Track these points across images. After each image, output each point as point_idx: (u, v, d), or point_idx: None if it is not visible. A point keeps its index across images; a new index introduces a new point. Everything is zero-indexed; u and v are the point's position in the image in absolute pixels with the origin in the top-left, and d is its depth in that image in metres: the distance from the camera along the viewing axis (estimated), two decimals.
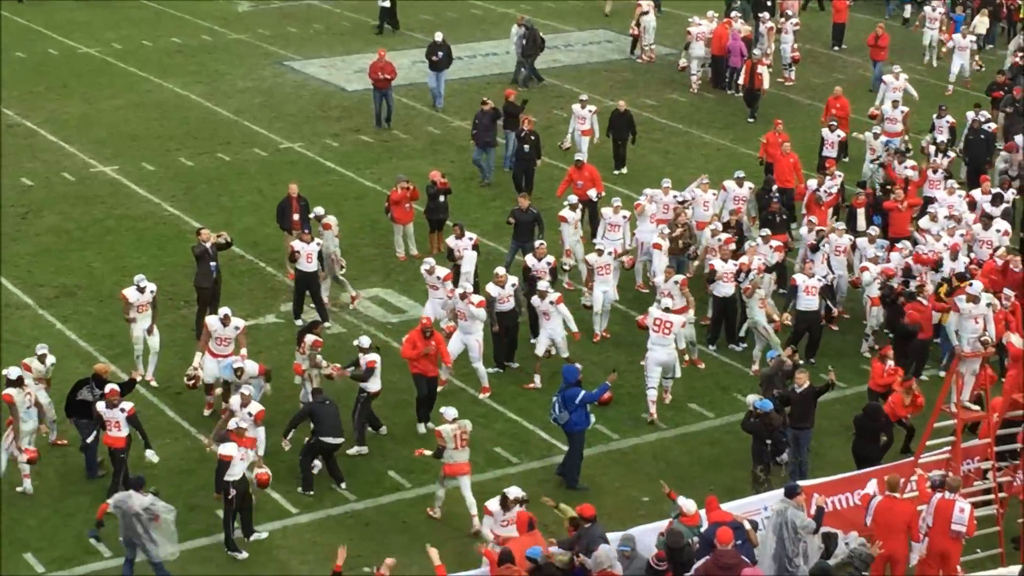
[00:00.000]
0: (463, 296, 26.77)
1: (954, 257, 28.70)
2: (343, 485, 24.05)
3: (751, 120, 41.06)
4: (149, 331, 26.93)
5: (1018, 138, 34.92)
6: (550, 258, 28.53)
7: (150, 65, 46.41)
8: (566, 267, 30.34)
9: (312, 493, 23.86)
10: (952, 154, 34.77)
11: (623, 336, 28.97)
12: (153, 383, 26.81)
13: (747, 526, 20.12)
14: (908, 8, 52.36)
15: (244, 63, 46.94)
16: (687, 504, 20.54)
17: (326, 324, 28.19)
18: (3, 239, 33.10)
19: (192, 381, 25.79)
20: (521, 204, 31.16)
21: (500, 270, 27.93)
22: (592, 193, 32.55)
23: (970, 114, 36.28)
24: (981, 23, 49.16)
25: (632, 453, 25.30)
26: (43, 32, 49.80)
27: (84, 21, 51.00)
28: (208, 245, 28.46)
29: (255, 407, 23.32)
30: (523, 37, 44.44)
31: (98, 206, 35.23)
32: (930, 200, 32.21)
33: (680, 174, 35.16)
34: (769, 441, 23.23)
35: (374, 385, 24.93)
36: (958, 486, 20.71)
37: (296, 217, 30.65)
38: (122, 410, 23.18)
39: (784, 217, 31.01)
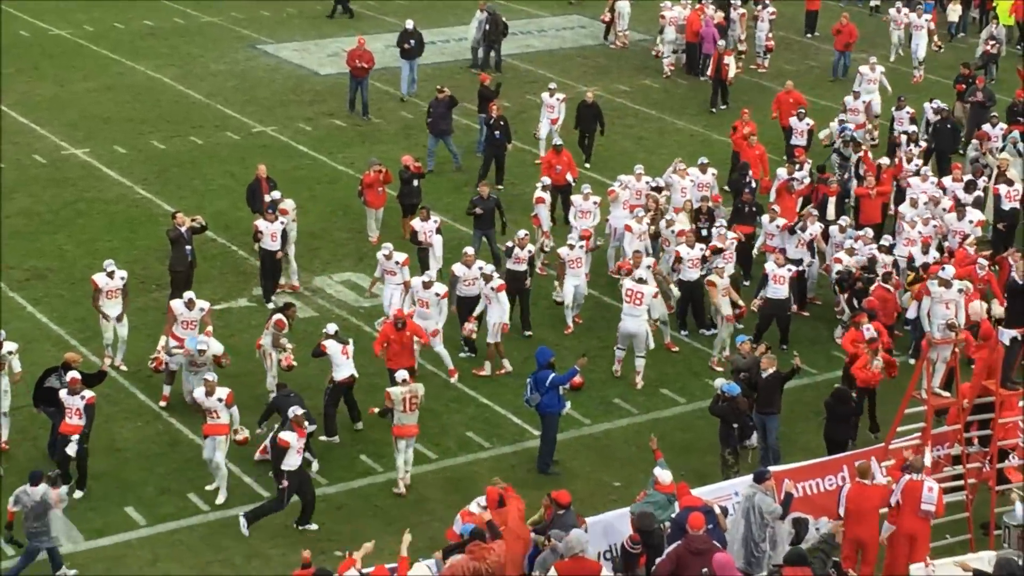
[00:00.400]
0: (426, 284, 26.74)
1: (925, 250, 28.77)
2: (315, 465, 24.03)
3: (714, 111, 40.81)
4: (119, 319, 26.73)
5: (987, 127, 35.00)
6: (531, 247, 28.47)
7: (122, 47, 46.23)
8: (546, 248, 30.40)
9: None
10: (923, 143, 34.82)
11: (595, 323, 29.03)
12: (123, 367, 26.72)
13: (717, 511, 20.19)
14: None
15: (217, 46, 46.79)
16: (663, 474, 20.65)
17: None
18: None
19: (154, 363, 25.72)
20: (482, 192, 31.10)
21: (469, 249, 28.05)
22: (569, 178, 32.58)
23: (927, 106, 36.50)
24: (953, 11, 49.35)
25: (604, 438, 25.35)
26: (14, 13, 49.50)
27: (55, 2, 50.75)
28: (183, 229, 28.41)
29: (222, 391, 23.12)
30: (485, 22, 44.17)
31: (69, 189, 35.11)
32: (901, 189, 32.30)
33: (653, 160, 35.22)
34: (736, 425, 23.30)
35: (341, 373, 24.82)
36: (921, 466, 20.78)
37: (267, 198, 30.61)
38: (82, 398, 22.90)
39: (753, 209, 30.88)
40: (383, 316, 26.43)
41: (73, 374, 23.18)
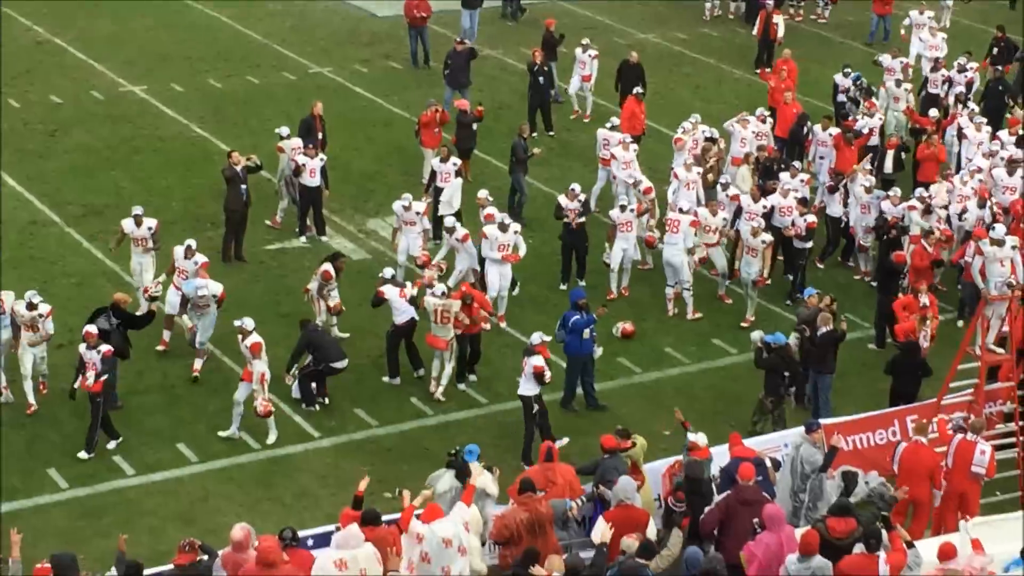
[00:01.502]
0: (450, 231, 26.88)
1: (981, 204, 28.52)
2: (326, 400, 24.29)
3: (758, 71, 39.49)
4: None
5: None
6: (582, 197, 28.28)
7: None
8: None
9: (317, 407, 24.05)
10: (972, 105, 34.08)
11: (646, 272, 28.88)
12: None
13: (768, 463, 20.15)
14: None
15: None
16: (698, 437, 20.55)
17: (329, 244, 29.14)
18: (31, 156, 33.11)
19: (147, 293, 25.15)
20: (523, 133, 31.11)
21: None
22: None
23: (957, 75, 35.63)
24: None
25: (654, 387, 25.32)
26: None
27: None
28: (239, 168, 28.45)
29: (251, 339, 22.94)
30: None
31: (126, 126, 35.23)
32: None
33: (711, 109, 35.02)
34: (788, 373, 23.25)
35: (401, 317, 24.78)
36: (981, 428, 20.69)
37: (320, 136, 30.60)
38: (98, 352, 22.52)
39: (781, 166, 30.37)
40: (391, 270, 25.82)
41: (89, 328, 22.80)
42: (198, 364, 24.79)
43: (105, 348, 22.58)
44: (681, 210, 27.45)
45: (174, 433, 23.27)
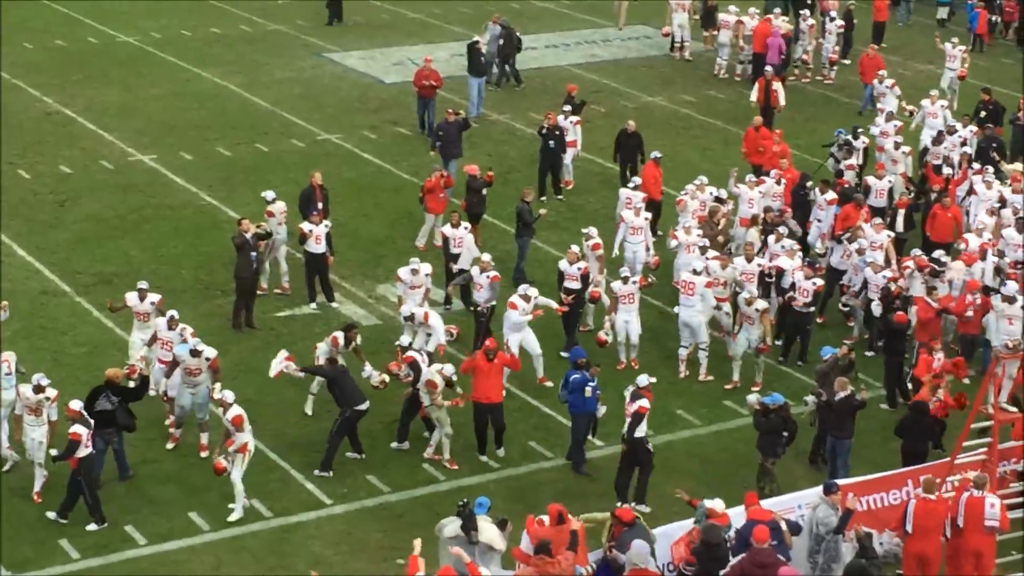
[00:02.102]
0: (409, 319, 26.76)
1: (983, 256, 28.55)
2: (363, 455, 24.40)
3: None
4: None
5: None
6: (581, 264, 28.14)
7: (189, 55, 46.55)
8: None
9: (331, 474, 24.01)
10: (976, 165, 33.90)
11: (658, 331, 28.88)
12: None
13: (783, 526, 20.05)
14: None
15: (283, 54, 47.02)
16: (715, 504, 20.43)
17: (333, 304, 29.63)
18: (41, 226, 33.23)
19: (133, 374, 24.42)
20: (526, 198, 31.08)
21: (485, 256, 28.07)
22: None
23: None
24: None
25: (666, 450, 25.22)
26: (83, 20, 50.00)
27: (124, 10, 51.16)
28: (248, 235, 28.53)
29: (232, 412, 22.75)
30: (499, 36, 43.39)
31: (136, 195, 35.35)
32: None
33: (718, 171, 35.04)
34: (786, 433, 23.26)
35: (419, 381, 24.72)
36: (985, 483, 20.61)
37: (320, 206, 30.68)
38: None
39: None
40: (407, 337, 25.99)
41: (71, 405, 22.49)
42: (204, 440, 24.74)
43: (73, 430, 22.15)
44: (695, 271, 27.41)
45: (186, 502, 23.22)
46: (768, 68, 40.08)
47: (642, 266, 29.92)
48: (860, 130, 35.27)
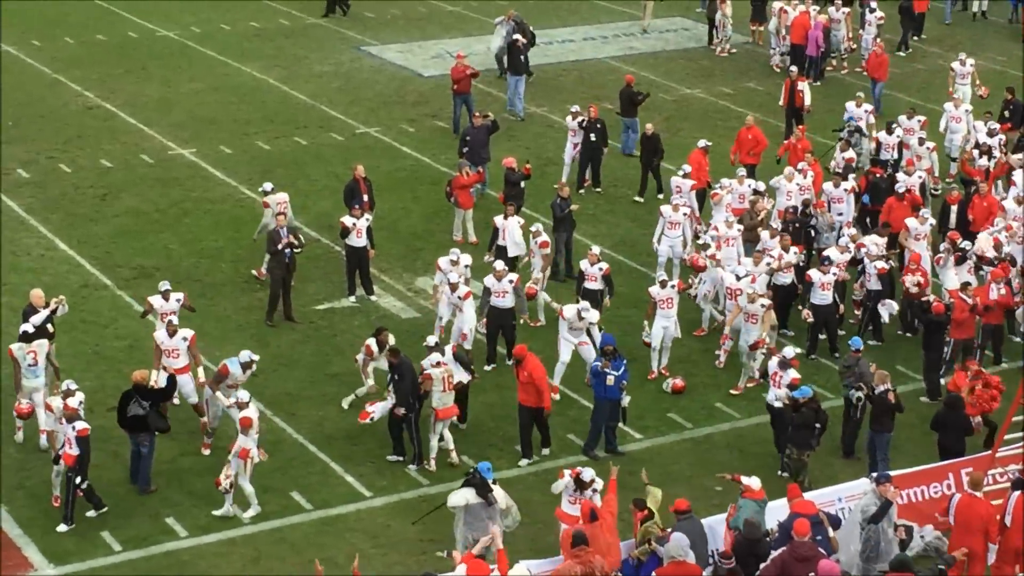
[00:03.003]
0: (453, 287, 26.84)
1: (997, 249, 28.53)
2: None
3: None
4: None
5: None
6: (603, 265, 27.98)
7: (228, 49, 46.67)
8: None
9: (403, 458, 24.24)
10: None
11: (694, 325, 28.81)
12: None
13: (826, 522, 20.00)
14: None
15: (322, 48, 47.10)
16: (751, 481, 20.63)
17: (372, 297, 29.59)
18: (82, 220, 33.38)
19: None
20: (562, 193, 31.03)
21: (499, 264, 27.37)
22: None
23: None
24: None
25: (706, 442, 25.22)
26: (123, 15, 50.16)
27: (163, 4, 51.26)
28: (284, 233, 28.52)
29: (244, 413, 22.70)
30: (512, 32, 42.71)
31: (176, 188, 35.48)
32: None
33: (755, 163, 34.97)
34: (818, 424, 23.23)
35: (456, 377, 24.61)
36: None
37: (365, 198, 30.74)
38: (74, 428, 22.20)
39: (797, 226, 30.17)
40: (433, 337, 25.55)
41: (68, 401, 22.44)
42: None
43: (80, 427, 22.21)
44: (738, 277, 27.28)
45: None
46: (792, 68, 39.65)
47: (680, 261, 29.80)
48: (894, 124, 35.06)
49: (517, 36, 41.13)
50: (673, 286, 27.13)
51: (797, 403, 23.23)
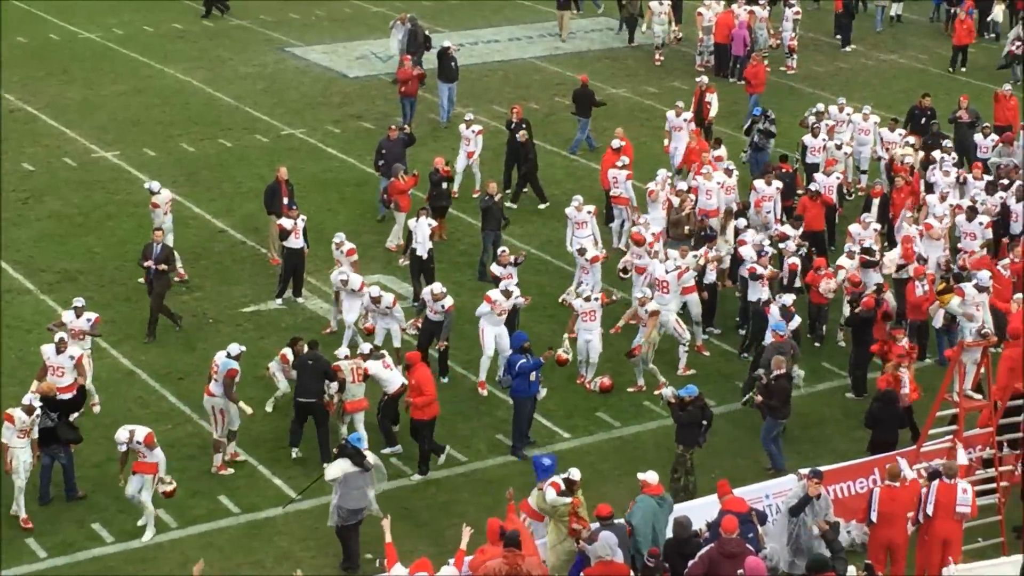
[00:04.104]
0: (376, 300, 26.70)
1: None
2: (295, 452, 24.37)
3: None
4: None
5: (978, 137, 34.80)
6: (514, 258, 27.90)
7: (151, 51, 46.36)
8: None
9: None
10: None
11: (629, 327, 28.88)
12: (96, 409, 25.59)
13: (755, 519, 20.10)
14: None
15: (246, 49, 46.89)
16: (648, 476, 20.61)
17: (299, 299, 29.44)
18: (4, 224, 33.06)
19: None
20: (490, 190, 31.02)
21: (437, 287, 26.81)
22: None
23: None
24: (998, 10, 49.07)
25: (634, 441, 25.28)
26: (44, 17, 49.75)
27: (85, 6, 50.87)
28: (156, 251, 28.03)
29: (141, 432, 22.20)
30: (406, 35, 42.66)
31: (99, 191, 35.20)
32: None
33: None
34: (705, 422, 23.25)
35: (392, 386, 24.58)
36: (955, 471, 20.67)
37: (285, 201, 30.60)
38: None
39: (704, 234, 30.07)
40: (368, 344, 25.37)
41: (8, 411, 22.31)
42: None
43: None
44: (667, 270, 27.33)
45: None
46: (702, 79, 38.99)
47: (588, 260, 29.19)
48: (817, 127, 34.89)
49: (448, 43, 40.73)
50: (596, 299, 26.86)
51: (683, 401, 23.21)
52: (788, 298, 26.40)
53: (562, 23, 48.47)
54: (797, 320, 26.26)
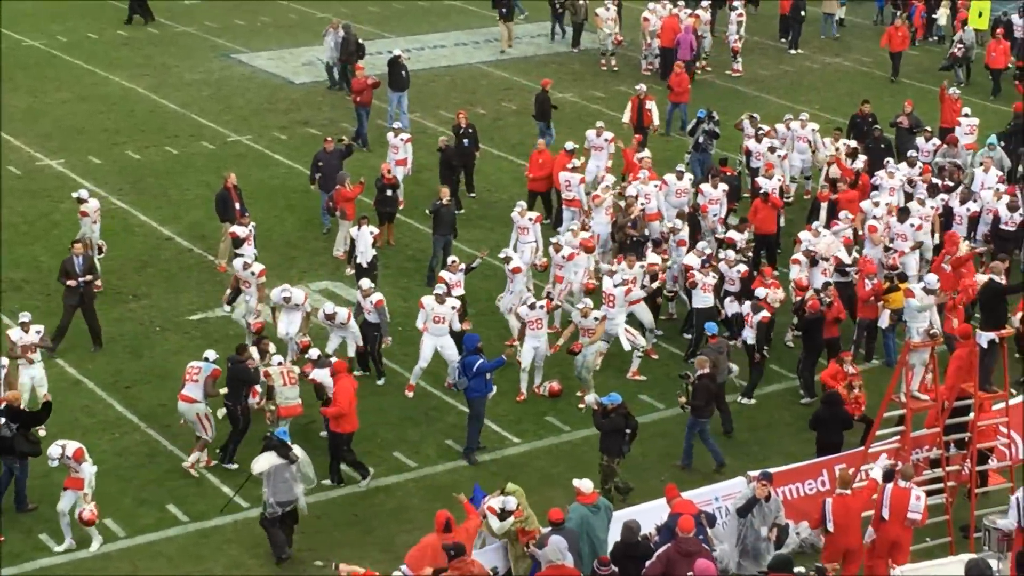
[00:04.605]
0: (331, 317, 26.42)
1: (849, 251, 28.95)
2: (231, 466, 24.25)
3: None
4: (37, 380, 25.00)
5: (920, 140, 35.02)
6: (463, 266, 27.87)
7: (96, 58, 46.12)
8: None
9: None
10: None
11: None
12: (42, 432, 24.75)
13: (705, 521, 20.17)
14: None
15: (191, 56, 46.70)
16: (582, 484, 20.60)
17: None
18: None
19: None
20: (442, 195, 31.06)
21: (365, 283, 27.05)
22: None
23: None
24: (943, 15, 49.45)
25: (583, 445, 25.25)
26: None
27: (28, 13, 50.56)
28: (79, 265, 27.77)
29: (71, 447, 22.09)
30: (339, 42, 42.46)
31: (44, 200, 34.97)
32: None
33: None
34: (628, 430, 23.19)
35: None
36: (911, 475, 20.79)
37: (237, 206, 30.50)
38: None
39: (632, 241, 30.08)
40: (316, 351, 25.47)
41: None
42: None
43: None
44: (614, 284, 27.31)
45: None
46: (640, 86, 38.38)
47: (529, 268, 29.19)
48: (762, 133, 34.96)
49: (398, 52, 40.24)
50: (542, 307, 26.68)
51: (606, 409, 23.18)
52: (746, 306, 26.63)
53: (505, 33, 48.03)
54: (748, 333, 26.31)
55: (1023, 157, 35.17)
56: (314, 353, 24.97)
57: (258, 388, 24.53)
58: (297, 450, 21.93)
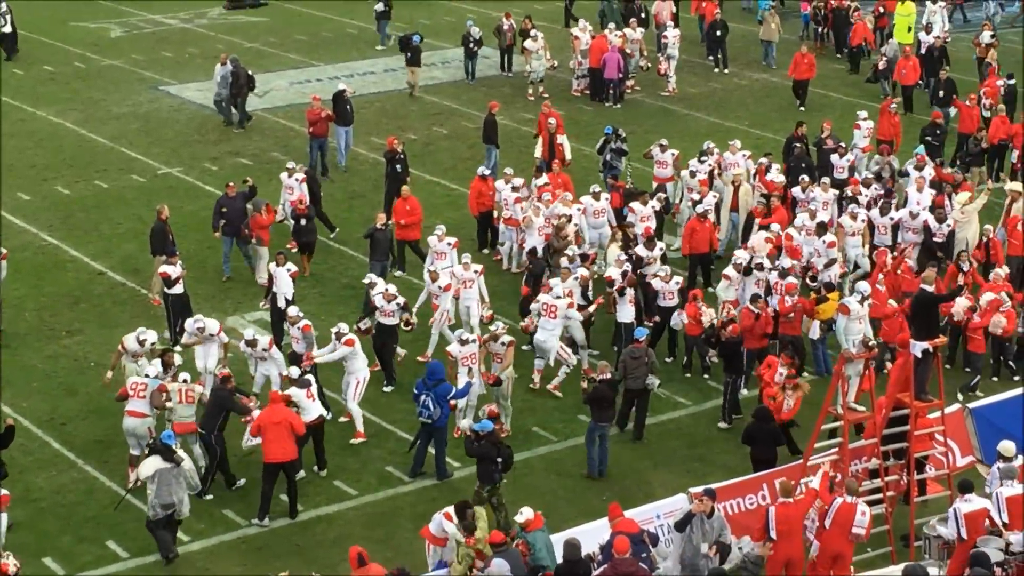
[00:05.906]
0: (252, 344, 26.28)
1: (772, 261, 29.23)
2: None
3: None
4: None
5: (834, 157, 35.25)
6: (401, 300, 27.56)
7: (22, 94, 45.80)
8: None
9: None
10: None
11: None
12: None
13: (647, 540, 20.18)
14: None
15: (119, 89, 46.47)
16: (524, 512, 20.57)
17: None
18: None
19: None
20: (379, 221, 31.07)
21: (292, 310, 27.00)
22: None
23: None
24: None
25: (523, 467, 25.22)
26: None
27: None
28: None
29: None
30: (228, 76, 42.30)
31: None
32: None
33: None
34: (499, 459, 22.95)
35: (309, 415, 24.22)
36: (856, 489, 20.89)
37: (171, 238, 30.37)
38: None
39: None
40: (296, 369, 25.25)
41: None
42: None
43: None
44: (558, 296, 27.43)
45: (39, 547, 22.80)
46: (552, 120, 37.30)
47: (442, 289, 28.74)
48: (705, 156, 35.02)
49: (344, 86, 39.86)
50: (474, 341, 26.17)
51: (478, 435, 23.02)
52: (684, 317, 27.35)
53: (414, 78, 46.38)
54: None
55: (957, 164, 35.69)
56: (295, 371, 24.87)
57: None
58: (181, 454, 22.37)
